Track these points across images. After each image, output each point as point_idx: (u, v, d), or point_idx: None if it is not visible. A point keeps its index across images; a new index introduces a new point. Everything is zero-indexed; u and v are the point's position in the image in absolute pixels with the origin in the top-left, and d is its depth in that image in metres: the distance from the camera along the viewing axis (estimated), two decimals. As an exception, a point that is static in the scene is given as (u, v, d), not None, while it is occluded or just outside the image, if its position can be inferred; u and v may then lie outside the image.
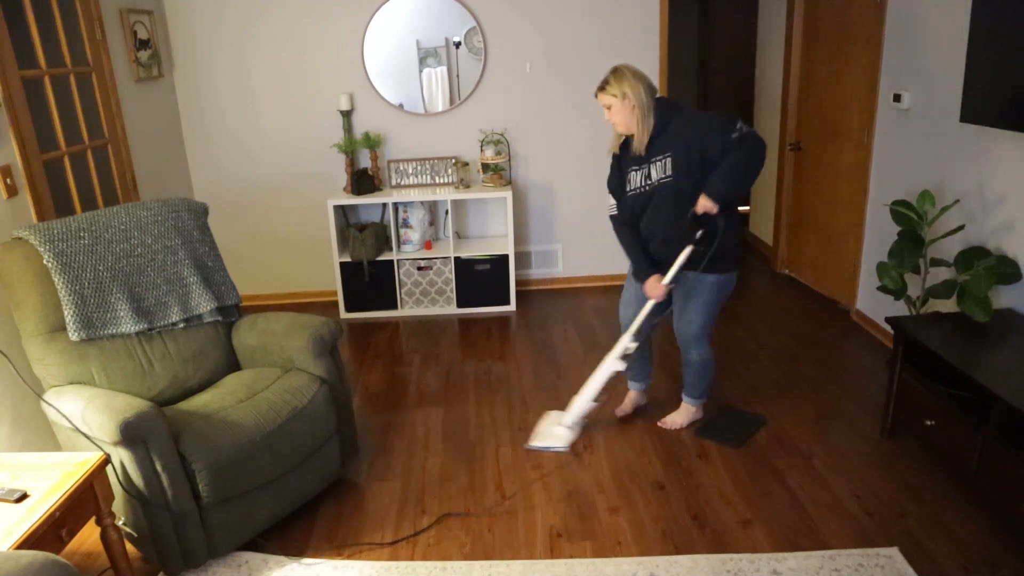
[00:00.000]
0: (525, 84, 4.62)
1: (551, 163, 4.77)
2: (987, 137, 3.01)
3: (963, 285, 2.86)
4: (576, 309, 4.59)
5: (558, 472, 2.86)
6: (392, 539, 2.53)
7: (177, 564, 2.31)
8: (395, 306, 4.59)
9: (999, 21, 2.70)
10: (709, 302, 2.86)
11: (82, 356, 2.48)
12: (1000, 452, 2.28)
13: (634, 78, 2.69)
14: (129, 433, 2.11)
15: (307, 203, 4.75)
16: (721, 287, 2.84)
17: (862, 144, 3.96)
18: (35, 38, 3.10)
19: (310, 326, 2.72)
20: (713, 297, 2.85)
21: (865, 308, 4.08)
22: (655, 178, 2.75)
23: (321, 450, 2.67)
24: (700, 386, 3.10)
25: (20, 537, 1.77)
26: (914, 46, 3.47)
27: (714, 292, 2.84)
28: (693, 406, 3.17)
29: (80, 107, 3.44)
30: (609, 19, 4.51)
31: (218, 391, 2.60)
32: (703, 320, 2.90)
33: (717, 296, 2.86)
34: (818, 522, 2.51)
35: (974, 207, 3.11)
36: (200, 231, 2.89)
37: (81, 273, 2.51)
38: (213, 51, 4.46)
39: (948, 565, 2.28)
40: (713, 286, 2.83)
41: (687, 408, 3.17)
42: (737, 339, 4.01)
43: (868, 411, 3.20)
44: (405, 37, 4.48)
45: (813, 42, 4.48)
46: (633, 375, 3.23)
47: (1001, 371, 2.40)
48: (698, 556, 2.36)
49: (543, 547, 2.45)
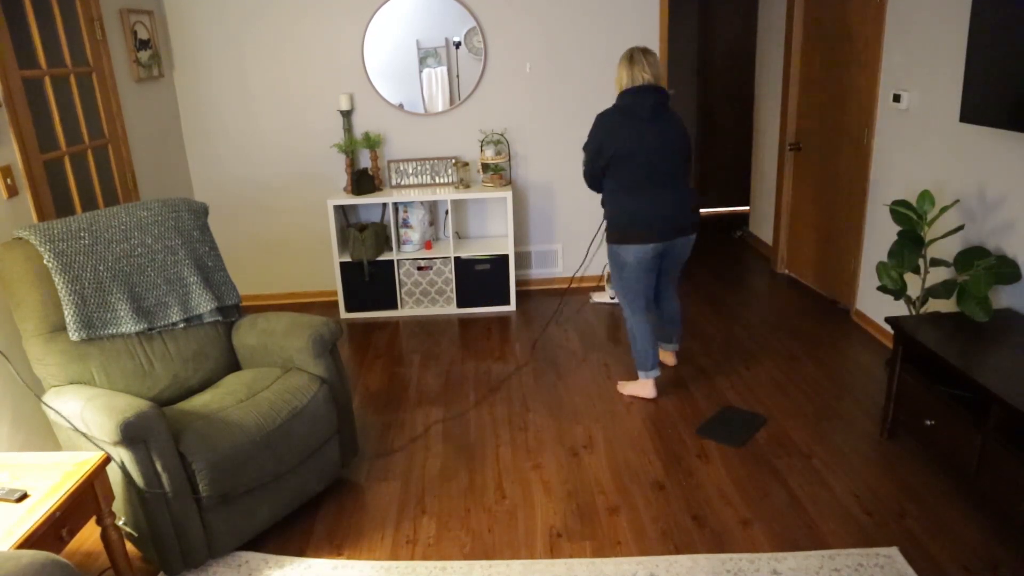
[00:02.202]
0: (525, 84, 4.62)
1: (551, 163, 4.78)
2: (987, 137, 3.01)
3: (963, 285, 2.86)
4: (576, 309, 4.59)
5: (558, 472, 2.87)
6: (392, 540, 2.53)
7: (177, 564, 2.32)
8: (395, 306, 4.59)
9: (999, 21, 2.71)
10: (611, 270, 3.29)
11: (82, 356, 2.48)
12: (1000, 452, 2.29)
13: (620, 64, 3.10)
14: (129, 433, 2.11)
15: (307, 203, 4.75)
16: (609, 253, 3.23)
17: (862, 144, 3.96)
18: (35, 38, 3.10)
19: (310, 326, 2.72)
20: (609, 262, 3.28)
21: (865, 308, 4.08)
22: None
23: (321, 450, 2.67)
24: (634, 353, 3.34)
25: (20, 537, 1.77)
26: (914, 46, 3.47)
27: (608, 258, 3.27)
28: (641, 377, 3.37)
29: (80, 107, 3.44)
30: (609, 19, 4.52)
31: (218, 391, 2.60)
32: (614, 284, 3.31)
33: (612, 263, 3.23)
34: (818, 522, 2.51)
35: (974, 207, 3.11)
36: (200, 231, 2.89)
37: (81, 273, 2.51)
38: (213, 51, 4.46)
39: (948, 565, 2.29)
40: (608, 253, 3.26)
41: (638, 378, 3.40)
42: (737, 339, 4.01)
43: (868, 411, 3.20)
44: (405, 37, 4.48)
45: (813, 42, 4.48)
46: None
47: (1001, 371, 2.40)
48: (698, 556, 2.37)
49: (543, 547, 2.45)
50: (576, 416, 3.28)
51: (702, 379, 3.57)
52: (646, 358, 3.29)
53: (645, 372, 3.32)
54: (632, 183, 3.04)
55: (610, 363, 3.78)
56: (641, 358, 3.30)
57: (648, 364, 3.29)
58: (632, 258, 3.11)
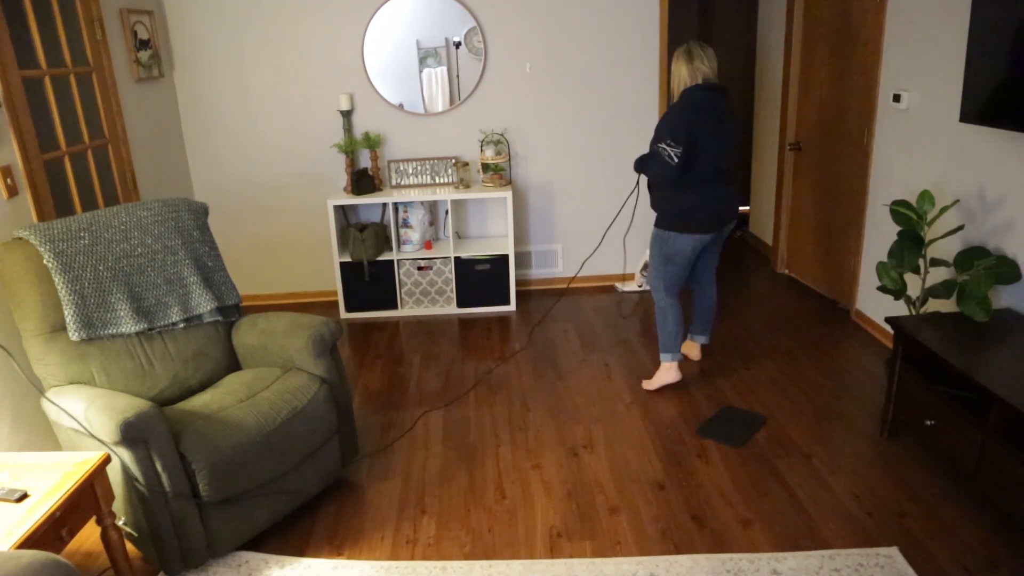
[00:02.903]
0: (525, 84, 4.62)
1: (551, 163, 4.78)
2: (987, 137, 3.01)
3: (963, 285, 2.86)
4: (576, 309, 4.59)
5: (558, 472, 2.87)
6: (392, 540, 2.53)
7: (177, 564, 2.32)
8: (395, 306, 4.59)
9: (999, 21, 2.71)
10: (653, 256, 3.39)
11: (82, 356, 2.48)
12: (1000, 452, 2.29)
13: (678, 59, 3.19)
14: (129, 433, 2.11)
15: (307, 203, 4.75)
16: (659, 240, 3.33)
17: (862, 144, 3.96)
18: (35, 38, 3.10)
19: (310, 326, 2.72)
20: (656, 251, 3.36)
21: (865, 308, 4.08)
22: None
23: (321, 450, 2.67)
24: (662, 339, 3.44)
25: (20, 537, 1.77)
26: (914, 46, 3.47)
27: (655, 245, 3.36)
28: (664, 363, 3.46)
29: (80, 107, 3.44)
30: (609, 19, 4.52)
31: (218, 391, 2.60)
32: (654, 270, 3.40)
33: (660, 250, 3.33)
34: (818, 522, 2.51)
35: (974, 207, 3.11)
36: (200, 231, 2.89)
37: (81, 273, 2.51)
38: (213, 51, 4.46)
39: (948, 565, 2.29)
40: (655, 239, 3.36)
41: (662, 366, 3.48)
42: (737, 339, 4.01)
43: (868, 411, 3.20)
44: (405, 37, 4.48)
45: (813, 42, 4.48)
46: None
47: (1001, 371, 2.40)
48: (698, 556, 2.37)
49: (543, 547, 2.45)
50: (576, 416, 3.28)
51: (702, 379, 3.57)
52: (675, 340, 3.42)
53: (672, 355, 3.43)
54: (700, 177, 3.18)
55: (610, 363, 3.78)
56: (671, 341, 3.41)
57: (676, 347, 3.43)
58: (687, 246, 3.26)
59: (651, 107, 4.68)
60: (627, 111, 4.68)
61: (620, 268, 5.01)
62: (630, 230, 4.87)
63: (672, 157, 3.08)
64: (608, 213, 4.87)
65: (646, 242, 4.87)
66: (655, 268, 3.37)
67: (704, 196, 3.20)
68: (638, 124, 4.70)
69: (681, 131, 3.07)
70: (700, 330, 3.70)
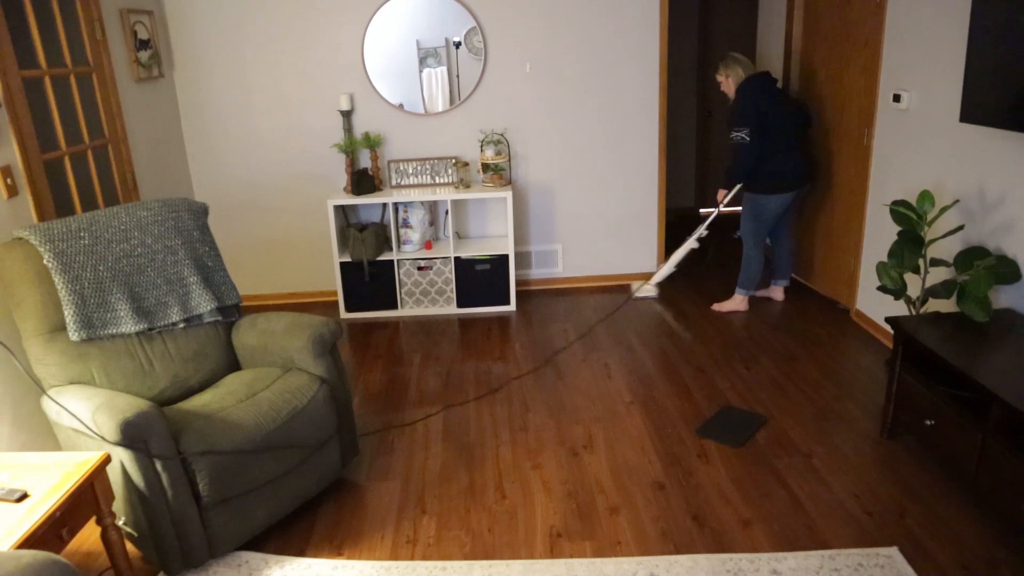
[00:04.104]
0: (525, 84, 4.62)
1: (551, 163, 4.78)
2: (987, 137, 3.01)
3: (963, 285, 2.86)
4: (576, 309, 4.59)
5: (558, 472, 2.87)
6: (392, 540, 2.53)
7: (177, 564, 2.32)
8: (395, 306, 4.59)
9: (999, 21, 2.71)
10: (746, 215, 4.26)
11: (82, 356, 2.48)
12: (1000, 452, 2.29)
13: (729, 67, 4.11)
14: (130, 433, 2.11)
15: (307, 203, 4.75)
16: (751, 201, 4.20)
17: (862, 144, 3.97)
18: (35, 38, 3.10)
19: (310, 326, 2.72)
20: (748, 210, 4.23)
21: (865, 308, 4.08)
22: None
23: (321, 450, 2.67)
24: (742, 276, 4.34)
25: (20, 537, 1.77)
26: (914, 46, 3.47)
27: (747, 206, 4.24)
28: (738, 295, 4.38)
29: (80, 107, 3.44)
30: (609, 19, 4.52)
31: (218, 391, 2.60)
32: (745, 225, 4.27)
33: (752, 210, 4.20)
34: (818, 522, 2.51)
35: (974, 207, 3.11)
36: (200, 231, 2.89)
37: (81, 273, 2.51)
38: (213, 51, 4.46)
39: (948, 565, 2.29)
40: (746, 201, 4.24)
41: (735, 297, 4.40)
42: (737, 339, 4.01)
43: (868, 411, 3.20)
44: (405, 37, 4.48)
45: (813, 42, 4.48)
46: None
47: (1001, 371, 2.40)
48: (698, 556, 2.37)
49: (543, 547, 2.45)
50: (576, 416, 3.28)
51: (702, 379, 3.57)
52: (754, 279, 4.32)
53: (746, 290, 4.35)
54: (775, 146, 4.00)
55: (610, 363, 3.79)
56: (751, 279, 4.32)
57: (752, 286, 4.34)
58: (775, 204, 4.11)
59: (651, 107, 4.68)
60: (627, 111, 4.68)
61: (621, 268, 5.00)
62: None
63: (745, 137, 3.94)
64: (609, 213, 4.87)
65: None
66: (746, 223, 4.25)
67: (783, 162, 4.01)
68: (638, 124, 4.71)
69: (748, 114, 3.92)
70: (782, 275, 4.50)
